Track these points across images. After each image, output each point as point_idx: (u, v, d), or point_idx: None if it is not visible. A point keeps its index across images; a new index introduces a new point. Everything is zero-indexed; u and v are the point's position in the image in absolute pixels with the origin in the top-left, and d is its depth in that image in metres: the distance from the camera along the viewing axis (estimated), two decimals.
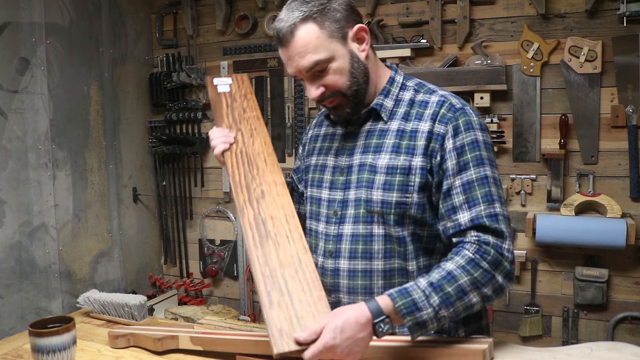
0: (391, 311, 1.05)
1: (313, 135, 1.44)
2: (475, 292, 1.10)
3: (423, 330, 1.07)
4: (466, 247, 1.13)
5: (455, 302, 1.08)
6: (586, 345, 1.15)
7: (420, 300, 1.06)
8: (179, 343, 1.32)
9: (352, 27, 1.21)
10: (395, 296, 1.07)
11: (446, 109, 1.21)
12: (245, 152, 1.37)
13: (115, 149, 2.99)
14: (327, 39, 1.18)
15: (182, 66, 3.08)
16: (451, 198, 1.17)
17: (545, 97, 2.43)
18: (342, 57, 1.20)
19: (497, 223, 1.14)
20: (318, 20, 1.17)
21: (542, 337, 2.50)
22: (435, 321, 1.07)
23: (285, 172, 2.97)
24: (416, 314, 1.05)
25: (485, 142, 1.20)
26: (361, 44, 1.23)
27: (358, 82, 1.22)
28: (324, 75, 1.20)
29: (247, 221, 1.22)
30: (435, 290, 1.07)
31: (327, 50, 1.18)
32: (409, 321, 1.05)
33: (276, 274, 1.13)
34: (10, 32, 2.42)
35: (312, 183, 1.36)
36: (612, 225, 2.23)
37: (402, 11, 2.64)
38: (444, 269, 1.11)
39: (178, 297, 3.13)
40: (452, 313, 1.08)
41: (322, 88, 1.21)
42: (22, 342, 1.44)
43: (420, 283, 1.09)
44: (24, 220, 2.49)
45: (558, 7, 2.37)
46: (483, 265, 1.11)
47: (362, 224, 1.24)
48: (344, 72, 1.20)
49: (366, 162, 1.25)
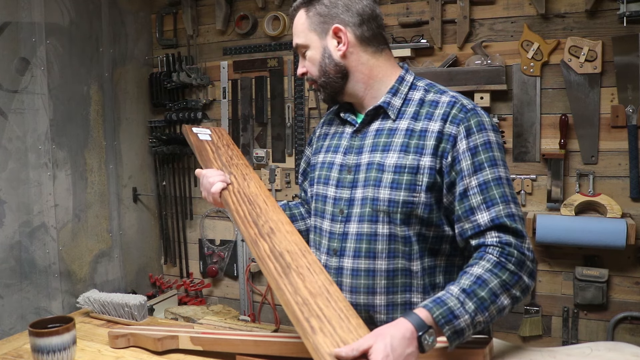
0: (432, 322, 1.03)
1: (321, 134, 1.44)
2: (505, 295, 1.10)
3: (461, 338, 1.06)
4: (489, 250, 1.13)
5: (489, 306, 1.08)
6: (586, 345, 1.15)
7: (457, 308, 1.04)
8: (179, 343, 1.32)
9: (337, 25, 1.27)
10: (431, 306, 1.04)
11: (457, 109, 1.22)
12: (243, 193, 1.33)
13: (115, 149, 2.99)
14: (307, 28, 1.30)
15: (182, 66, 3.08)
16: (468, 199, 1.17)
17: (545, 97, 2.43)
18: (316, 49, 1.30)
19: (516, 223, 1.15)
20: (307, 10, 1.30)
21: (542, 337, 2.50)
22: (472, 327, 1.06)
23: (285, 172, 2.97)
24: (454, 322, 1.04)
25: (498, 143, 1.22)
26: (339, 43, 1.28)
27: (328, 75, 1.30)
28: (305, 59, 1.33)
29: (264, 253, 1.15)
30: (469, 297, 1.06)
31: (305, 38, 1.30)
32: (448, 330, 1.03)
33: (310, 302, 1.07)
34: (10, 32, 2.42)
35: (319, 180, 1.36)
36: (612, 225, 2.23)
37: (402, 11, 2.64)
38: (473, 274, 1.10)
39: (178, 297, 3.13)
40: (487, 317, 1.08)
41: (304, 68, 1.34)
42: (22, 342, 1.44)
43: (452, 291, 1.07)
44: (24, 220, 2.49)
45: (558, 7, 2.37)
46: (510, 268, 1.11)
47: (367, 222, 1.24)
48: (315, 63, 1.31)
49: (374, 160, 1.25)
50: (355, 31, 1.27)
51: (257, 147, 3.03)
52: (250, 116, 3.03)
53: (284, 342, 1.21)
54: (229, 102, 3.07)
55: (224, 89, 3.07)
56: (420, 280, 1.23)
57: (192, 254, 3.28)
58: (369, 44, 1.28)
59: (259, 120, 3.00)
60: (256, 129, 3.04)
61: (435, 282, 1.25)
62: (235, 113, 3.06)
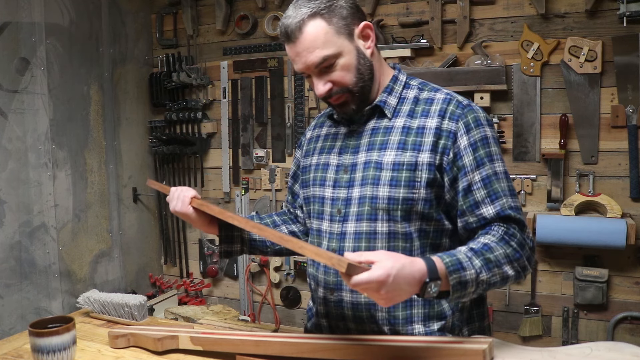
0: (443, 273, 1.05)
1: (313, 136, 1.44)
2: (509, 265, 1.14)
3: (463, 292, 1.08)
4: (494, 228, 1.18)
5: (493, 268, 1.12)
6: (586, 345, 1.15)
7: (465, 261, 1.08)
8: (179, 343, 1.32)
9: (358, 24, 1.24)
10: (442, 255, 1.08)
11: (454, 105, 1.23)
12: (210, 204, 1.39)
13: (115, 149, 2.99)
14: (335, 35, 1.20)
15: (182, 66, 3.08)
16: (472, 194, 1.20)
17: (545, 97, 2.43)
18: (349, 53, 1.21)
19: (520, 214, 1.20)
20: (326, 16, 1.19)
21: (542, 337, 2.50)
22: (474, 284, 1.09)
23: (285, 172, 2.97)
24: (461, 272, 1.07)
25: (494, 138, 1.24)
26: (367, 41, 1.25)
27: (364, 78, 1.24)
28: (331, 71, 1.22)
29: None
30: (476, 254, 1.10)
31: (335, 45, 1.20)
32: (454, 279, 1.06)
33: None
34: (10, 32, 2.42)
35: (315, 182, 1.36)
36: (612, 225, 2.23)
37: (402, 11, 2.64)
38: (480, 241, 1.15)
39: (178, 297, 3.13)
40: (490, 278, 1.11)
41: (329, 84, 1.23)
42: (22, 342, 1.44)
43: (460, 249, 1.12)
44: (24, 220, 2.49)
45: (558, 7, 2.37)
46: (512, 244, 1.16)
47: (365, 221, 1.24)
48: (350, 69, 1.22)
49: (371, 159, 1.25)
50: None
51: (257, 147, 3.03)
52: (250, 116, 3.03)
53: (284, 342, 1.21)
54: (229, 102, 3.07)
55: (224, 89, 3.07)
56: None
57: (192, 254, 3.28)
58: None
59: (259, 120, 3.00)
60: (256, 129, 3.04)
61: None
62: (235, 113, 3.06)
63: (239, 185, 3.09)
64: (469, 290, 1.09)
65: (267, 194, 3.02)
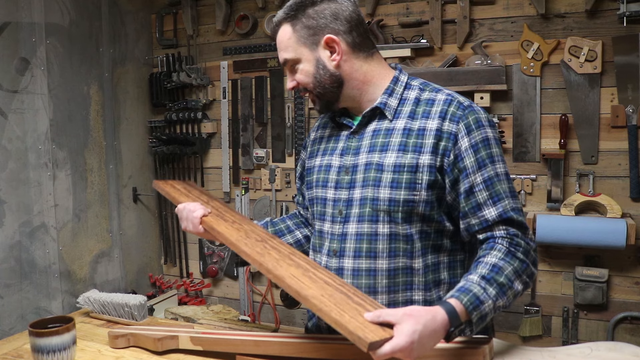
0: (463, 313, 1.05)
1: (317, 137, 1.44)
2: (518, 280, 1.15)
3: (484, 322, 1.09)
4: (498, 241, 1.18)
5: (507, 291, 1.12)
6: (586, 345, 1.15)
7: (481, 294, 1.08)
8: (179, 343, 1.32)
9: (330, 35, 1.25)
10: (458, 295, 1.07)
11: (455, 107, 1.23)
12: (223, 218, 1.38)
13: (115, 149, 2.99)
14: (296, 42, 1.27)
15: (182, 66, 3.08)
16: (474, 195, 1.20)
17: (545, 97, 2.43)
18: (308, 62, 1.27)
19: (521, 216, 1.20)
20: (292, 23, 1.27)
21: (542, 337, 2.50)
22: (493, 312, 1.10)
23: (285, 172, 2.97)
24: (480, 307, 1.07)
25: (495, 139, 1.24)
26: (333, 53, 1.26)
27: (323, 86, 1.28)
28: (295, 72, 1.30)
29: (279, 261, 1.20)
30: (489, 283, 1.10)
31: (294, 52, 1.28)
32: (476, 316, 1.07)
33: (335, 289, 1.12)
34: (10, 32, 2.42)
35: (317, 183, 1.36)
36: (612, 225, 2.23)
37: (402, 11, 2.64)
38: (488, 262, 1.14)
39: (178, 297, 3.13)
40: (506, 302, 1.12)
41: (294, 81, 1.32)
42: (22, 342, 1.44)
43: (472, 279, 1.11)
44: (24, 220, 2.49)
45: (558, 7, 2.37)
46: (519, 256, 1.16)
47: (366, 222, 1.24)
48: (308, 75, 1.28)
49: (372, 161, 1.25)
50: (347, 39, 1.26)
51: (257, 147, 3.03)
52: (250, 116, 3.03)
53: (284, 342, 1.21)
54: (229, 102, 3.07)
55: (224, 89, 3.07)
56: (422, 278, 1.24)
57: (192, 254, 3.28)
58: (360, 49, 1.28)
59: (259, 120, 3.00)
60: (256, 129, 3.04)
61: (439, 278, 1.26)
62: (235, 113, 3.06)
63: (239, 185, 3.09)
64: (488, 318, 1.11)
65: (267, 194, 3.02)
